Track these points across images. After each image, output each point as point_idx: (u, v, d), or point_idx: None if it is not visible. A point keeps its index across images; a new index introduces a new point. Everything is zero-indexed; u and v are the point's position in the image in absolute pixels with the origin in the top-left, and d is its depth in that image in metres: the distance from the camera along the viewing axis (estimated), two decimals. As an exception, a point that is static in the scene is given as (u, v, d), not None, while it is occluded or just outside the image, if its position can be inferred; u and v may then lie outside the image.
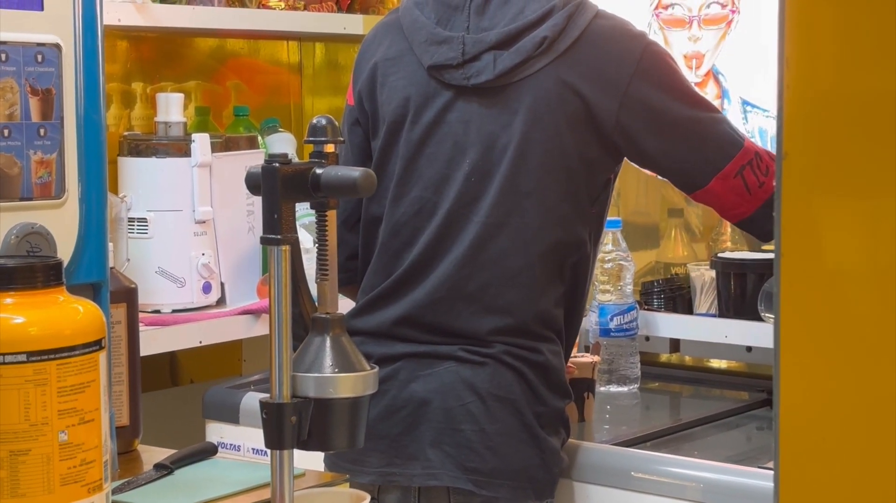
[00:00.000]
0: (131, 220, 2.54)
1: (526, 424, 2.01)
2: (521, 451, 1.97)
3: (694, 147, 2.08)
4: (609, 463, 2.08)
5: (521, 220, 2.06)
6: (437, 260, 2.09)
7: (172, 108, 2.68)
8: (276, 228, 1.35)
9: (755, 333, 2.44)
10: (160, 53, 3.23)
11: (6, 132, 1.69)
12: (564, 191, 2.06)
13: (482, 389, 2.01)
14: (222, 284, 2.60)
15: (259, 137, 2.89)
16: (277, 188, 1.37)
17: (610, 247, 2.50)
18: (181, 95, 2.75)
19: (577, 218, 2.07)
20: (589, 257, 2.12)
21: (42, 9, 1.75)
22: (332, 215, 1.43)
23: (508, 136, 2.08)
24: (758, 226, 2.12)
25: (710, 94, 2.56)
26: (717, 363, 2.78)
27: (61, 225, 1.74)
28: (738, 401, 2.55)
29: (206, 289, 2.55)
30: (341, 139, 1.53)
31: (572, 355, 2.27)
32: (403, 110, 2.13)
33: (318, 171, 1.37)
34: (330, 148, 1.43)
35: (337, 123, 1.48)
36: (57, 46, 1.73)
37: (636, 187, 2.85)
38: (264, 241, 1.34)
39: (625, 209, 2.83)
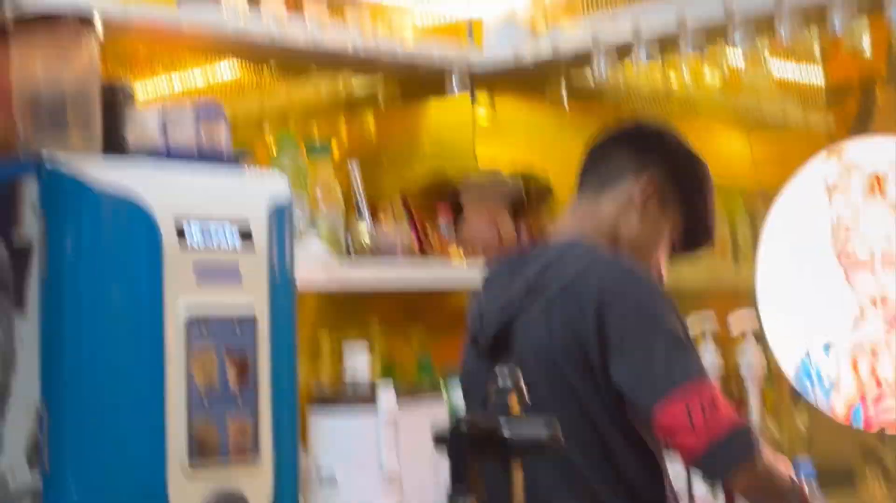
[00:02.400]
0: (320, 475, 2.53)
1: None
2: None
3: (647, 373, 2.08)
4: None
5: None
6: None
7: (358, 360, 2.70)
8: (464, 487, 1.38)
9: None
10: (346, 307, 3.25)
11: (206, 400, 1.78)
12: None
13: None
14: (411, 538, 2.58)
15: (443, 388, 2.93)
16: (465, 450, 1.45)
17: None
18: (366, 347, 2.78)
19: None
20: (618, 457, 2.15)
21: (240, 282, 1.85)
22: (518, 471, 1.53)
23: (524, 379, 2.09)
24: (713, 464, 2.06)
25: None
26: None
27: (256, 486, 1.84)
28: None
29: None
30: (525, 394, 1.62)
31: None
32: (465, 380, 2.36)
33: (506, 433, 1.47)
34: (513, 400, 1.53)
35: (519, 372, 1.57)
36: (253, 319, 1.83)
37: (828, 428, 2.81)
38: (451, 500, 1.37)
39: (816, 452, 2.77)
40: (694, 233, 2.40)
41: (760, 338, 2.79)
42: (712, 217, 2.42)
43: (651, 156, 2.36)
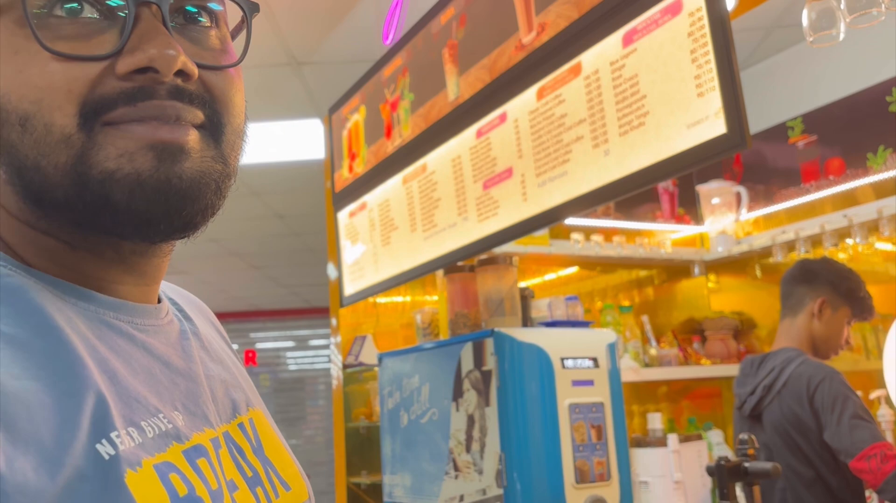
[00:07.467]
0: (640, 483, 2.50)
1: None
2: None
3: (843, 438, 2.06)
4: None
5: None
6: None
7: (655, 421, 2.63)
8: (728, 497, 1.54)
9: None
10: (646, 392, 3.20)
11: (581, 448, 1.80)
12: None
13: None
14: None
15: (703, 435, 2.84)
16: (725, 476, 1.66)
17: None
18: (659, 414, 2.67)
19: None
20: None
21: (594, 386, 1.87)
22: (756, 490, 1.66)
23: (764, 442, 2.21)
24: (886, 493, 2.01)
25: None
26: None
27: (610, 495, 1.82)
28: None
29: None
30: (756, 444, 1.79)
31: None
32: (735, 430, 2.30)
33: (746, 466, 1.65)
34: (750, 450, 1.69)
35: (753, 436, 1.74)
36: (602, 404, 1.85)
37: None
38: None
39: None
40: (861, 313, 2.32)
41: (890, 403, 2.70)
42: (869, 299, 2.31)
43: (816, 282, 2.30)
